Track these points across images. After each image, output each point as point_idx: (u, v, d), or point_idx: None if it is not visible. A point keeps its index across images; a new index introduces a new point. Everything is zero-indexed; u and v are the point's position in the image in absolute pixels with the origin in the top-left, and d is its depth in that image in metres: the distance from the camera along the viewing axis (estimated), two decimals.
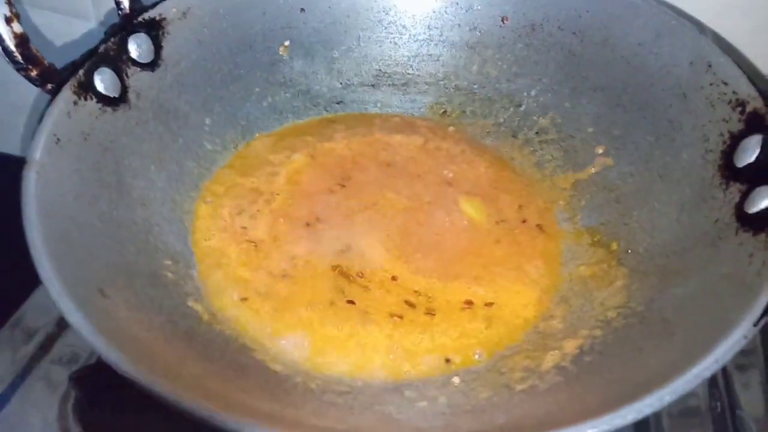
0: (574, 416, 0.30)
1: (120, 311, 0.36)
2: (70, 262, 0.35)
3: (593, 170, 0.52)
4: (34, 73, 0.42)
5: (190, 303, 0.42)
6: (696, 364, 0.31)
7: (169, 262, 0.44)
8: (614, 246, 0.46)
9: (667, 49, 0.49)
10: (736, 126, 0.43)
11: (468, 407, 0.36)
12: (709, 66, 0.46)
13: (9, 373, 0.47)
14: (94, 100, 0.44)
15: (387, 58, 0.60)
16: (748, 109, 0.42)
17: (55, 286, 0.32)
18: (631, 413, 0.29)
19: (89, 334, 0.31)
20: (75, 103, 0.43)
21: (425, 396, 0.38)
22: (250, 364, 0.38)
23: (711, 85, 0.45)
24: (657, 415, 0.46)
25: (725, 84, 0.44)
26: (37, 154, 0.39)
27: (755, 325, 0.32)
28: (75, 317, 0.31)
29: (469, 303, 0.43)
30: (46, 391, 0.46)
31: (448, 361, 0.40)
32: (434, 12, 0.59)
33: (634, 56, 0.51)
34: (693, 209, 0.43)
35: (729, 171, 0.42)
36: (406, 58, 0.60)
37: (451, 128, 0.58)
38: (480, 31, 0.59)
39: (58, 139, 0.41)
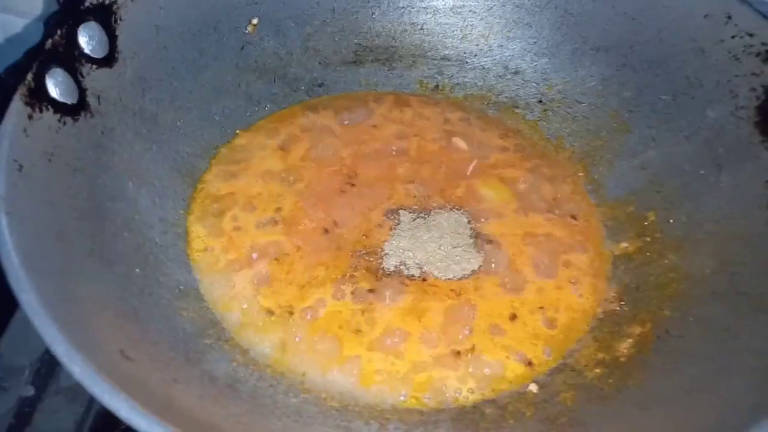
0: None
1: (150, 374, 0.29)
2: (77, 324, 0.28)
3: (609, 137, 0.49)
4: None
5: (216, 343, 0.35)
6: None
7: (178, 299, 0.37)
8: (651, 216, 0.44)
9: (675, 2, 0.46)
10: None
11: (564, 419, 0.33)
12: (729, 18, 0.43)
13: None
14: (51, 110, 0.36)
15: (366, 30, 0.54)
16: None
17: (75, 361, 0.25)
18: None
19: (135, 417, 0.24)
20: (30, 117, 0.35)
21: (508, 412, 0.34)
22: (310, 409, 0.33)
23: (733, 37, 0.43)
24: None
25: (750, 36, 0.42)
26: (1, 188, 0.31)
27: None
28: (119, 404, 0.24)
29: (513, 317, 0.39)
30: None
31: (530, 364, 0.36)
32: None
33: (638, 12, 0.48)
34: (733, 170, 0.41)
35: None
36: (386, 29, 0.54)
37: (446, 103, 0.53)
38: None
39: (20, 165, 0.33)
